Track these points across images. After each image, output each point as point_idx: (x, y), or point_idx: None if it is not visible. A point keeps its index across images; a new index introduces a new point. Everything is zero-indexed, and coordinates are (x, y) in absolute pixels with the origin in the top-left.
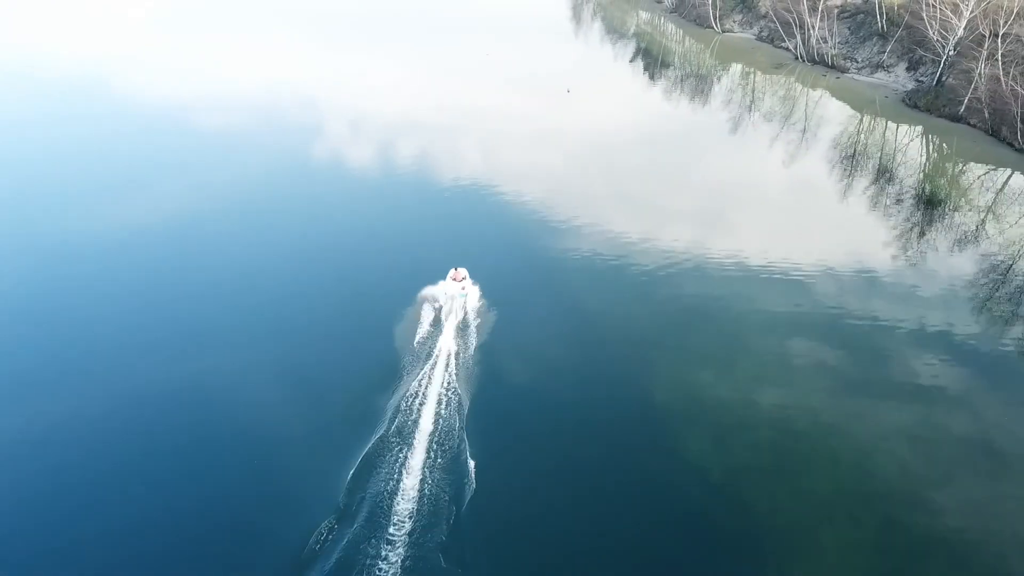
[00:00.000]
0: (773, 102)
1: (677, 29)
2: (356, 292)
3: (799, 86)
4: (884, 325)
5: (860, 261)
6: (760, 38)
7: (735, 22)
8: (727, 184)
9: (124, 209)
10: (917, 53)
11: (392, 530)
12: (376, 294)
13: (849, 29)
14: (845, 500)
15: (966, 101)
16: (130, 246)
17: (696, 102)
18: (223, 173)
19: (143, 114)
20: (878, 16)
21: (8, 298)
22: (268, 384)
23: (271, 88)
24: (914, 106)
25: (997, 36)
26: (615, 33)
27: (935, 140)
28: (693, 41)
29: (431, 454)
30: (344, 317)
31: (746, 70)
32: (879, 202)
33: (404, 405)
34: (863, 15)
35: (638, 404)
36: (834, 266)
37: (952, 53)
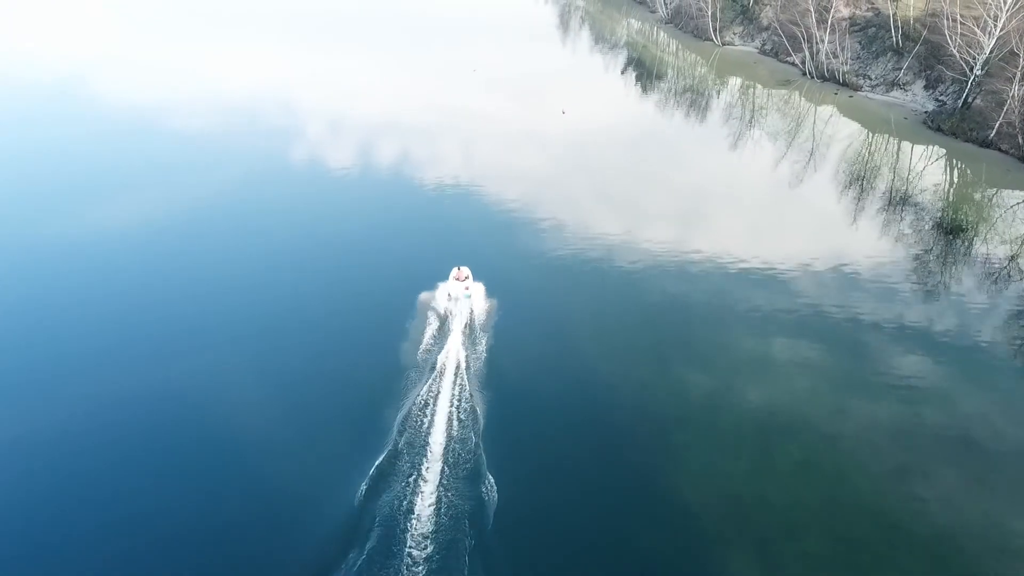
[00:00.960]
0: (780, 120)
1: (673, 41)
2: (357, 296)
3: (808, 104)
4: (919, 382)
5: (880, 297)
6: (763, 51)
7: (735, 34)
8: (730, 200)
9: (113, 214)
10: (936, 70)
11: (410, 554)
12: (378, 298)
13: (860, 44)
14: (829, 494)
15: (997, 125)
16: (112, 256)
17: (697, 119)
18: (213, 179)
19: (129, 116)
20: (892, 30)
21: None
22: (270, 399)
23: (260, 91)
24: (937, 129)
25: None
26: (606, 43)
27: (960, 165)
28: (691, 54)
29: (447, 465)
30: (346, 323)
31: (750, 85)
32: (894, 228)
33: (415, 415)
34: (875, 28)
35: (657, 406)
36: (851, 298)
37: (980, 72)
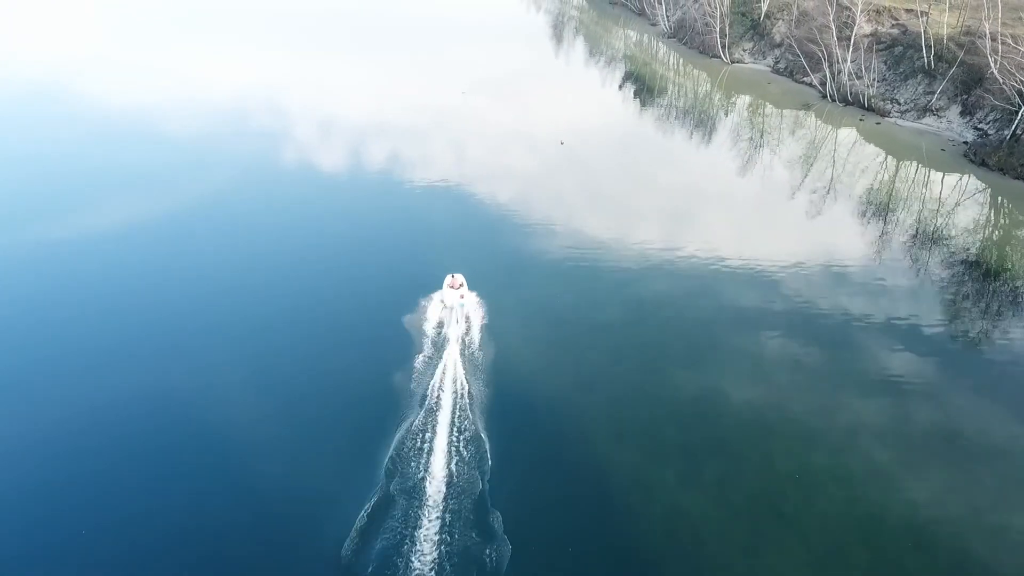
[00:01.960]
0: (798, 147)
1: (677, 57)
2: (348, 308)
3: (829, 129)
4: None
5: (917, 343)
6: (777, 70)
7: (745, 51)
8: (743, 232)
9: (100, 218)
10: (974, 95)
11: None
12: (371, 309)
13: (886, 64)
14: (819, 493)
15: None
16: (99, 259)
17: (706, 144)
18: (196, 184)
19: (112, 119)
20: (924, 50)
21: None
22: (262, 415)
23: (247, 95)
24: (982, 163)
25: None
26: (603, 58)
27: (1008, 205)
28: (697, 72)
29: (448, 489)
30: (338, 337)
31: (763, 108)
32: (925, 267)
33: (414, 433)
34: (902, 48)
35: (662, 409)
36: (885, 354)
37: None
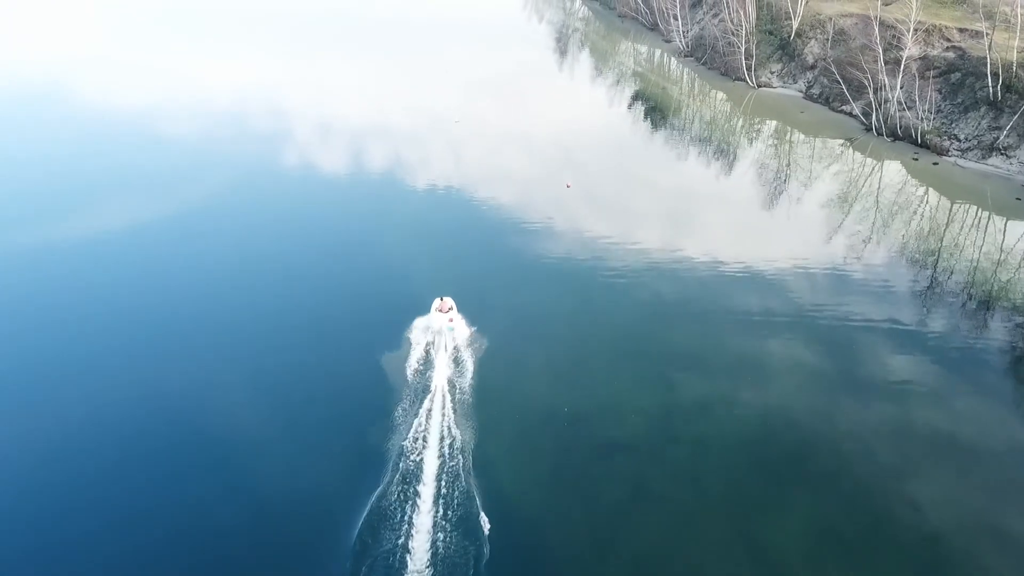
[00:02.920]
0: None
1: (694, 78)
2: (334, 332)
3: (874, 167)
4: None
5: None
6: (810, 96)
7: (772, 73)
8: (772, 276)
9: (92, 222)
10: None
11: None
12: (357, 334)
13: (941, 93)
14: (822, 496)
15: None
16: (91, 263)
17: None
18: (190, 189)
19: (104, 120)
20: (988, 78)
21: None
22: (249, 442)
23: (241, 99)
24: None
25: None
26: (612, 80)
27: None
28: (718, 96)
29: (438, 511)
30: (322, 363)
31: (795, 140)
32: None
33: (401, 460)
34: (960, 74)
35: (654, 430)
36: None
37: None
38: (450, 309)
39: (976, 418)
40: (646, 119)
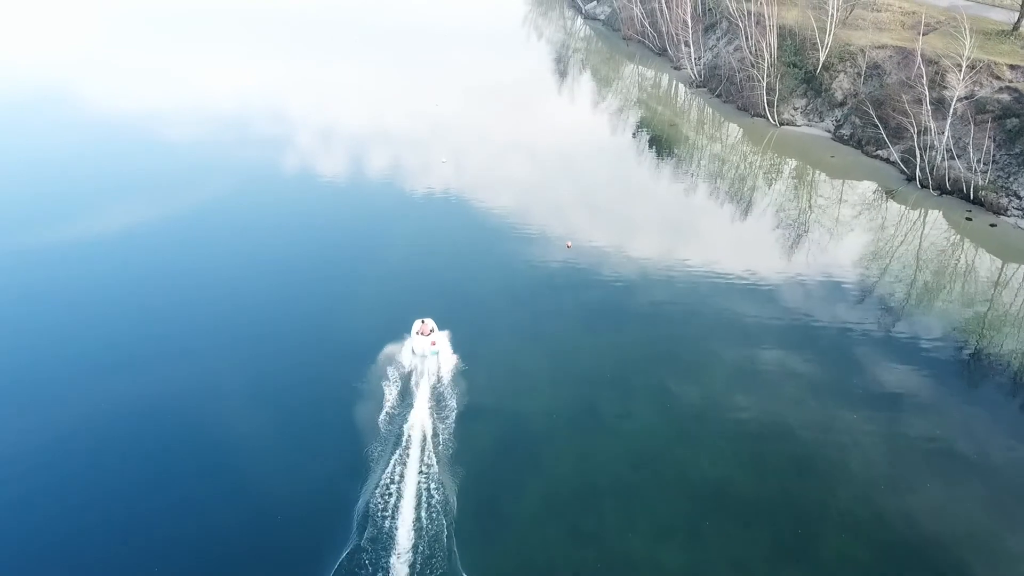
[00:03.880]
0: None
1: (709, 112)
2: (304, 357)
3: (918, 225)
4: None
5: None
6: (839, 137)
7: (796, 110)
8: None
9: (89, 225)
10: None
11: None
12: (328, 358)
13: (995, 140)
14: (818, 506)
15: None
16: (88, 267)
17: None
18: (189, 194)
19: (119, 124)
20: None
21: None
22: (212, 480)
23: (233, 115)
24: None
25: None
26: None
27: None
28: (735, 132)
29: (416, 562)
30: (291, 390)
31: (823, 187)
32: None
33: (375, 506)
34: (1018, 120)
35: (651, 470)
36: None
37: None
38: (431, 331)
39: None
40: (652, 156)
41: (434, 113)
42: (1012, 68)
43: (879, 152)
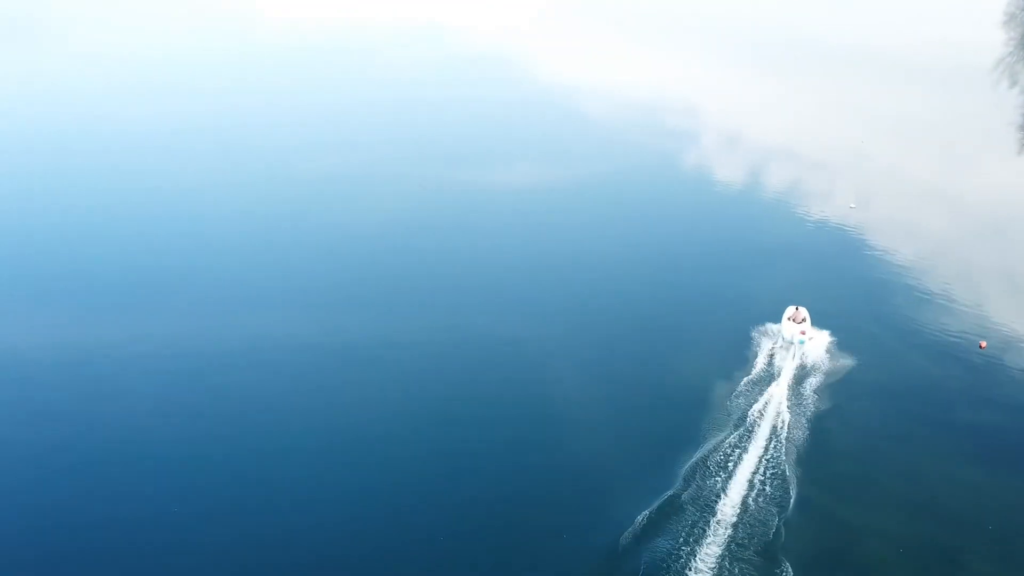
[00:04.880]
0: None
1: None
2: (681, 314)
3: None
4: None
5: None
6: None
7: None
8: None
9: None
10: None
11: None
12: (695, 321)
13: None
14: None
15: None
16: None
17: None
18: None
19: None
20: None
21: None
22: (580, 397)
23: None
24: None
25: None
26: None
27: None
28: None
29: (735, 536)
30: (665, 341)
31: None
32: None
33: (710, 464)
34: None
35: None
36: None
37: None
38: (803, 320)
39: None
40: None
41: (856, 147)
42: None
43: None
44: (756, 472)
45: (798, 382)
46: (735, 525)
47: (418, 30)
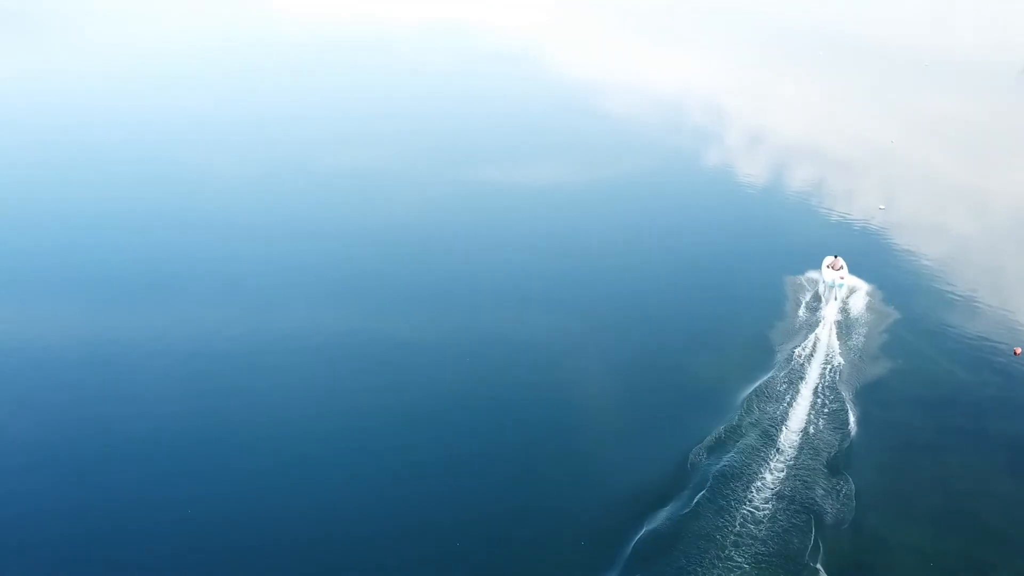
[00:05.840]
0: None
1: None
2: (732, 261)
3: None
4: None
5: None
6: None
7: None
8: None
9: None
10: None
11: (738, 529)
12: (739, 274)
13: None
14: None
15: None
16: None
17: None
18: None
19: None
20: None
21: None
22: (612, 343)
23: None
24: None
25: None
26: None
27: None
28: None
29: (802, 451)
30: (718, 287)
31: None
32: None
33: (772, 389)
34: None
35: None
36: None
37: None
38: (841, 267)
39: None
40: None
41: (886, 147)
42: None
43: None
44: (814, 400)
45: (841, 320)
46: (798, 447)
47: (438, 26)
